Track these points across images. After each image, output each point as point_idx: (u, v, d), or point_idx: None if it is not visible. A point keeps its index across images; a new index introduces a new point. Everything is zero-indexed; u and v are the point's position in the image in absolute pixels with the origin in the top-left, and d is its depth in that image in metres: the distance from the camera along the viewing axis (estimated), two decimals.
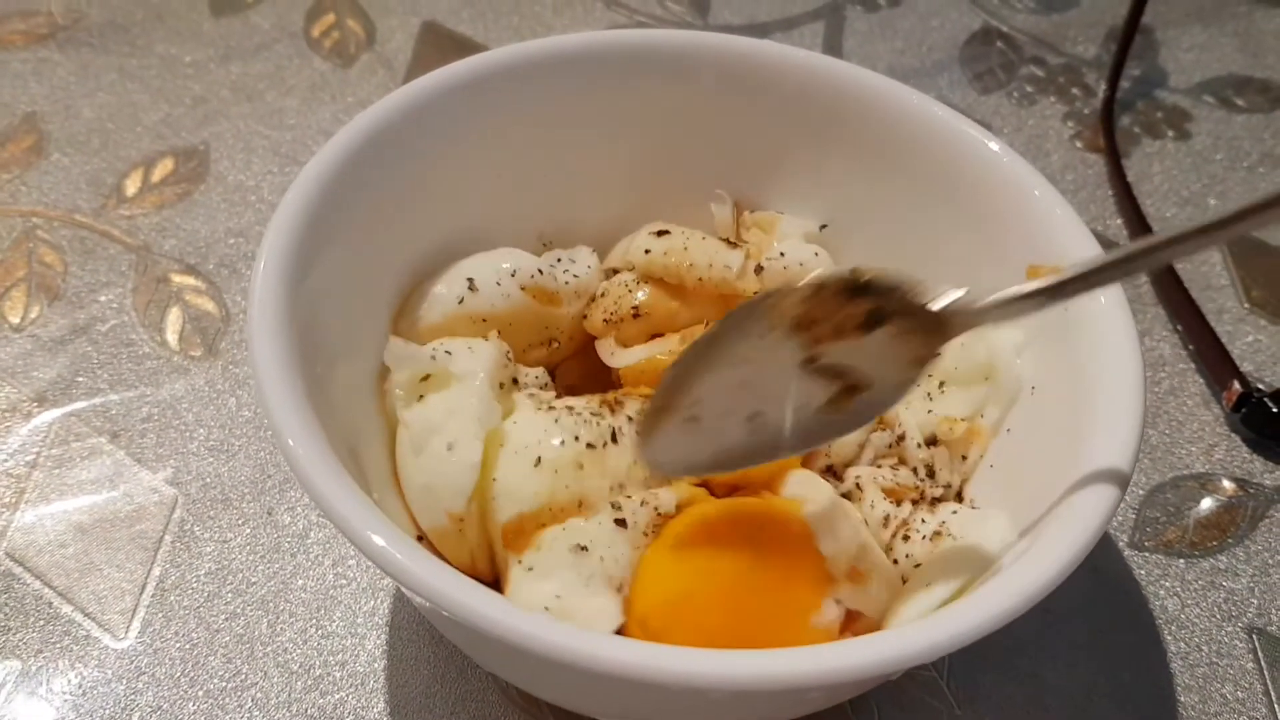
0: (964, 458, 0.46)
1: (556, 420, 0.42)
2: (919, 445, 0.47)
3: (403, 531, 0.35)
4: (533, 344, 0.49)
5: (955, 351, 0.47)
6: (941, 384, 0.48)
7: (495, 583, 0.42)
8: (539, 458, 0.41)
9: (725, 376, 0.40)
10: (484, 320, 0.47)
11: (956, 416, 0.47)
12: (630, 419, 0.43)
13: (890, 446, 0.48)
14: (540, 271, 0.48)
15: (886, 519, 0.45)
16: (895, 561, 0.44)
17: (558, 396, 0.46)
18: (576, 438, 0.42)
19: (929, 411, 0.48)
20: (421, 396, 0.43)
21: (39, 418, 0.55)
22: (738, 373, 0.40)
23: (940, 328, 0.38)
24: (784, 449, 0.41)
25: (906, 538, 0.44)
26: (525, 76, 0.49)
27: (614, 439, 0.42)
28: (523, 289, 0.47)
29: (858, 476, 0.46)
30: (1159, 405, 0.59)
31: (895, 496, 0.45)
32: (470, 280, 0.47)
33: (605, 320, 0.49)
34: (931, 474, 0.47)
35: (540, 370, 0.47)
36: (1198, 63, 0.80)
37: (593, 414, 0.43)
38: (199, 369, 0.57)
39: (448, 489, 0.41)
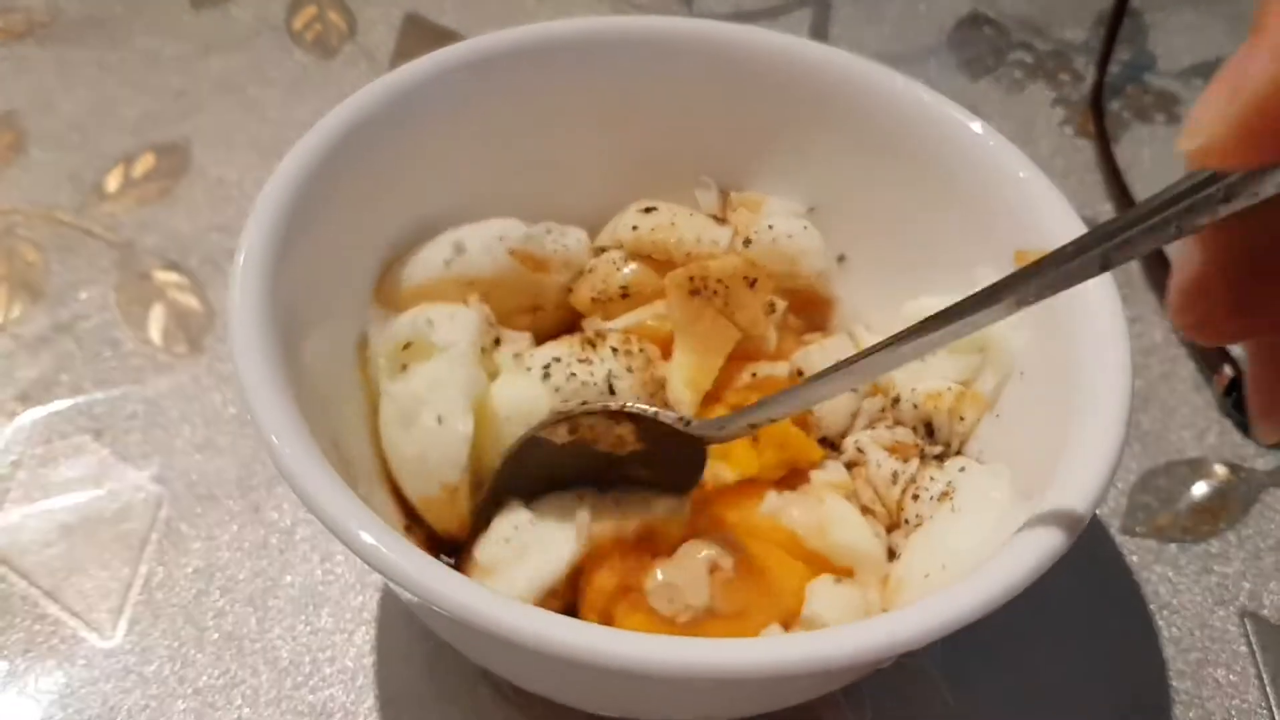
0: (961, 418, 0.46)
1: (546, 377, 0.43)
2: (914, 406, 0.47)
3: (390, 526, 0.35)
4: (518, 309, 0.49)
5: None
6: None
7: None
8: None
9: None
10: (470, 283, 0.47)
11: (947, 382, 0.47)
12: (614, 349, 0.44)
13: (883, 410, 0.48)
14: (530, 237, 0.48)
15: (895, 475, 0.45)
16: (906, 521, 0.44)
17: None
18: (566, 399, 0.43)
19: (914, 388, 0.48)
20: (404, 367, 0.43)
21: (22, 417, 0.54)
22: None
23: (697, 442, 0.41)
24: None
25: (916, 496, 0.44)
26: (507, 64, 0.49)
27: (611, 390, 0.43)
28: (511, 252, 0.47)
29: (857, 442, 0.47)
30: (1150, 391, 0.59)
31: (900, 453, 0.45)
32: (458, 243, 0.47)
33: (593, 299, 0.49)
34: (930, 432, 0.47)
35: (527, 335, 0.47)
36: (1187, 46, 0.80)
37: (579, 360, 0.43)
38: (183, 366, 0.57)
39: (442, 461, 0.41)
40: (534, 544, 0.41)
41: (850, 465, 0.47)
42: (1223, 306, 0.26)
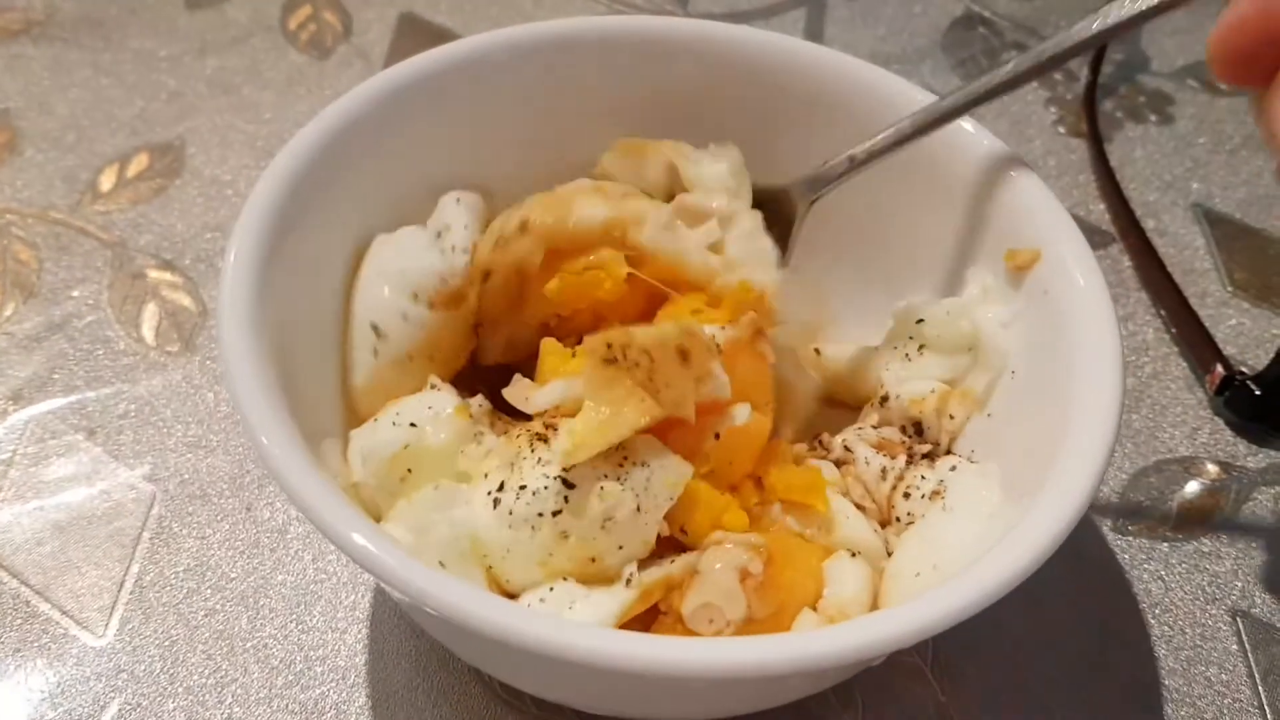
0: (951, 416, 0.46)
1: (495, 504, 0.40)
2: (903, 406, 0.47)
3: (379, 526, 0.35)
4: (467, 346, 0.46)
5: (940, 320, 0.47)
6: (921, 347, 0.48)
7: None
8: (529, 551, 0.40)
9: None
10: (410, 358, 0.44)
11: (933, 383, 0.47)
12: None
13: (870, 406, 0.48)
14: (443, 280, 0.45)
15: (884, 471, 0.45)
16: (897, 519, 0.44)
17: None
18: (540, 514, 0.39)
19: (898, 394, 0.48)
20: (403, 480, 0.41)
21: (14, 416, 0.54)
22: None
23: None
24: None
25: (907, 494, 0.44)
26: (499, 64, 0.49)
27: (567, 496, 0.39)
28: (431, 307, 0.44)
29: (844, 440, 0.47)
30: (1142, 389, 0.59)
31: (887, 450, 0.46)
32: (375, 326, 0.44)
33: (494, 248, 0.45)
34: (920, 430, 0.47)
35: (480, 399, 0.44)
36: (1180, 46, 0.80)
37: (542, 484, 0.39)
38: (176, 365, 0.57)
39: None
40: (580, 599, 0.39)
41: (839, 464, 0.47)
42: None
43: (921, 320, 0.47)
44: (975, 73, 0.76)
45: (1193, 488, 0.55)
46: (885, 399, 0.48)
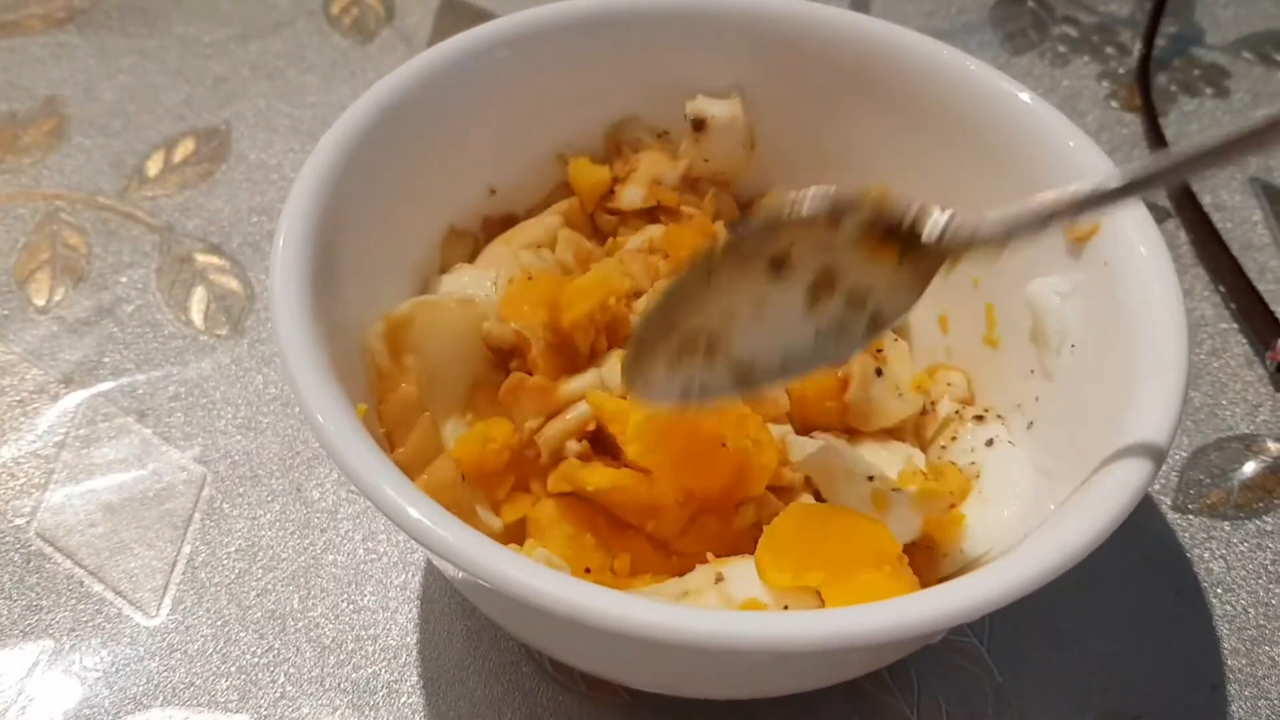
0: (949, 385, 0.48)
1: None
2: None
3: (434, 501, 0.34)
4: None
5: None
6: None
7: None
8: None
9: (717, 305, 0.38)
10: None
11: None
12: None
13: None
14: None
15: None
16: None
17: None
18: None
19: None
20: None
21: (66, 399, 0.55)
22: (728, 300, 0.38)
23: (940, 253, 0.36)
24: (776, 376, 0.39)
25: (954, 437, 0.46)
26: (542, 40, 0.49)
27: None
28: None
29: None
30: (1201, 366, 0.58)
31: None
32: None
33: None
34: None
35: None
36: (1235, 19, 0.78)
37: None
38: (225, 347, 0.57)
39: None
40: None
41: None
42: None
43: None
44: (1025, 47, 0.75)
45: (1253, 466, 0.54)
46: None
